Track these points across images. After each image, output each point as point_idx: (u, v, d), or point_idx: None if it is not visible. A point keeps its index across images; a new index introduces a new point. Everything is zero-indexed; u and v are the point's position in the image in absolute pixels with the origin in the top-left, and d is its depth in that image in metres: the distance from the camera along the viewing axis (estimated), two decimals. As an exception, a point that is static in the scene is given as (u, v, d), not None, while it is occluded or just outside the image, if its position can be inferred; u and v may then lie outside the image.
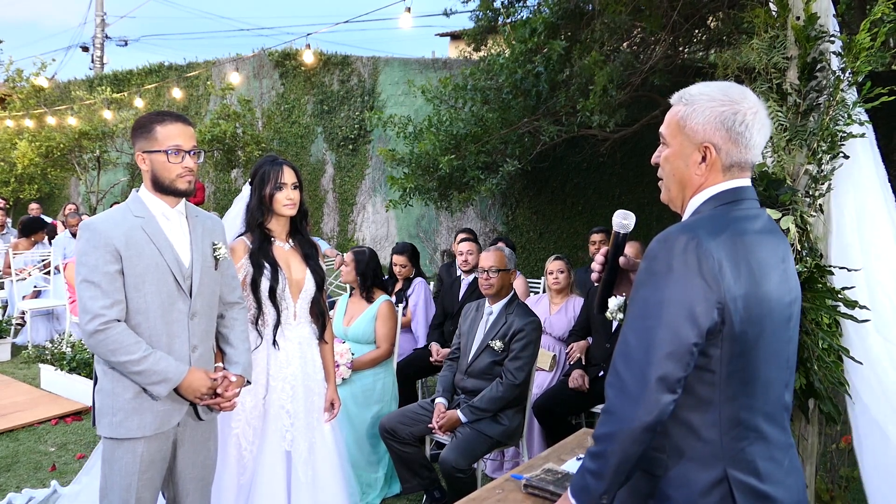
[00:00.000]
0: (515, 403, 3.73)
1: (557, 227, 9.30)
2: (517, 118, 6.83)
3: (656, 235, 1.51)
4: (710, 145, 1.55)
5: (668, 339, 1.44)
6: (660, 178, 1.69)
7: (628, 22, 6.01)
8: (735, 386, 1.49)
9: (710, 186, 1.58)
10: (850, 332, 2.54)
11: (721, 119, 1.54)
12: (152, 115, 2.47)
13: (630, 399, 1.45)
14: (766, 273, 1.51)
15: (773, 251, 1.55)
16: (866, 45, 2.35)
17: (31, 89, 13.19)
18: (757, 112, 1.55)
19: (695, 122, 1.56)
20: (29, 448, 4.68)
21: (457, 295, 5.25)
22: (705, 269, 1.43)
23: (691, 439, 1.52)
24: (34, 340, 7.65)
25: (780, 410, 1.58)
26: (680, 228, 1.49)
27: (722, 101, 1.55)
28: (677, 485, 1.52)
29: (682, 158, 1.60)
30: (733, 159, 1.56)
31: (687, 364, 1.45)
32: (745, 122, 1.53)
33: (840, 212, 2.62)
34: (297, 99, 12.21)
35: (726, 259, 1.45)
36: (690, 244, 1.44)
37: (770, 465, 1.52)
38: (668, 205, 1.70)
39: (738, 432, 1.50)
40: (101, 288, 2.28)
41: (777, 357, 1.55)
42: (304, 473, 2.93)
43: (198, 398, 2.41)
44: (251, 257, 2.90)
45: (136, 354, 2.28)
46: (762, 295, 1.49)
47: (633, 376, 1.46)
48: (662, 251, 1.48)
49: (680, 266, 1.44)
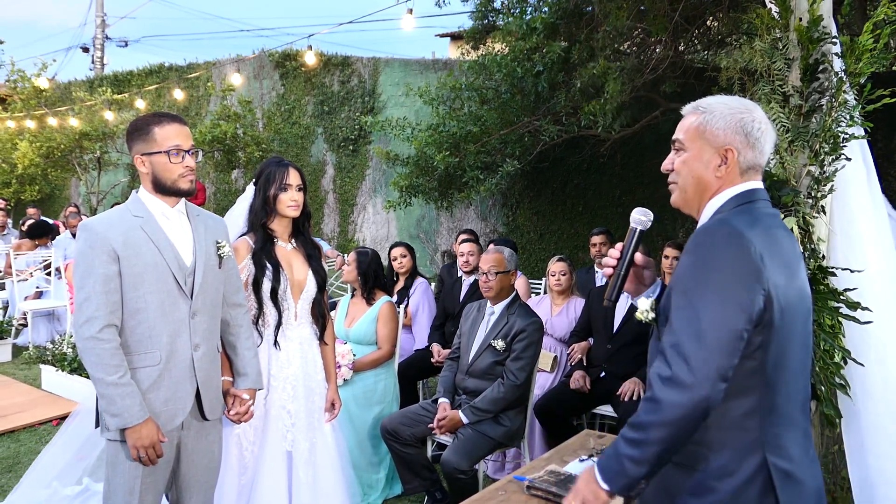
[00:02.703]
0: (517, 404, 3.73)
1: (558, 227, 9.30)
2: (517, 118, 6.82)
3: (694, 231, 1.59)
4: (731, 148, 1.65)
5: (719, 327, 1.48)
6: (671, 182, 1.75)
7: (631, 24, 6.01)
8: (773, 373, 1.54)
9: (728, 188, 1.66)
10: (848, 332, 2.55)
11: (741, 124, 1.65)
12: (147, 117, 2.47)
13: (683, 388, 1.48)
14: (795, 267, 1.60)
15: (792, 249, 1.64)
16: (869, 47, 2.36)
17: (32, 90, 13.17)
18: (767, 123, 1.68)
19: (715, 127, 1.66)
20: (30, 449, 4.68)
21: (458, 296, 5.25)
22: (750, 258, 1.49)
23: (733, 429, 1.56)
24: (35, 341, 7.65)
25: (806, 400, 1.66)
26: (717, 222, 1.58)
27: (740, 109, 1.66)
28: (720, 475, 1.55)
29: (701, 162, 1.69)
30: (749, 162, 1.66)
31: (738, 350, 1.49)
32: (762, 129, 1.66)
33: (842, 213, 2.62)
34: (297, 100, 12.21)
35: (765, 250, 1.51)
36: (733, 235, 1.51)
37: (800, 451, 1.59)
38: (679, 208, 1.76)
39: (774, 419, 1.56)
40: (97, 289, 2.27)
41: (804, 348, 1.63)
42: (304, 474, 2.94)
43: (136, 447, 2.30)
44: (254, 257, 2.91)
45: (110, 377, 2.26)
46: (794, 287, 1.57)
47: (685, 366, 1.48)
48: (706, 243, 1.54)
49: (725, 255, 1.50)
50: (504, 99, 6.80)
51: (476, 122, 6.91)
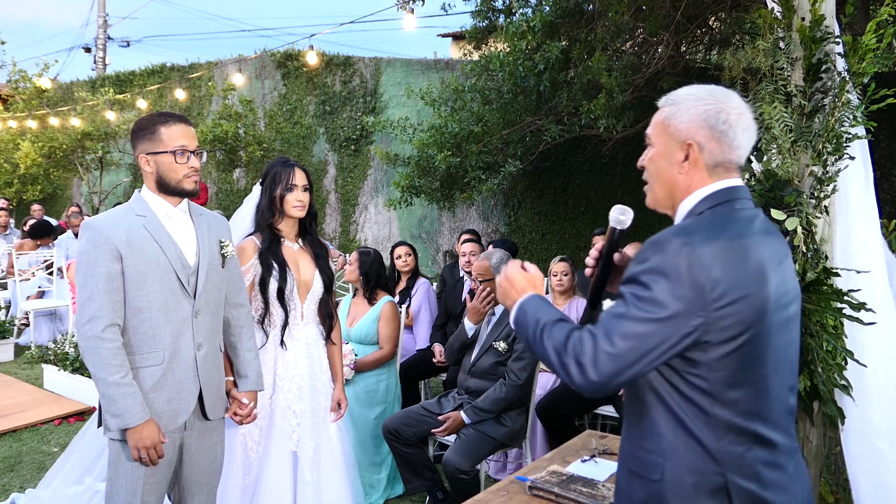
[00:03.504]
0: (519, 405, 3.73)
1: (560, 227, 9.29)
2: (518, 118, 6.82)
3: (651, 237, 1.49)
4: (693, 142, 1.55)
5: (641, 339, 1.42)
6: (646, 182, 1.68)
7: (630, 22, 6.01)
8: (730, 391, 1.46)
9: (700, 188, 1.57)
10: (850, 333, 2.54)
11: (704, 117, 1.54)
12: (154, 116, 2.46)
13: (582, 373, 1.45)
14: (764, 276, 1.48)
15: (772, 253, 1.53)
16: (872, 47, 2.35)
17: (34, 90, 13.18)
18: (742, 113, 1.55)
19: (678, 120, 1.57)
20: (32, 448, 4.69)
21: (459, 296, 5.24)
22: (695, 277, 1.41)
23: (689, 441, 1.49)
24: (37, 341, 7.65)
25: (783, 415, 1.54)
26: (675, 232, 1.48)
27: (706, 100, 1.55)
28: (674, 489, 1.49)
29: (666, 157, 1.60)
30: (716, 158, 1.55)
31: (653, 363, 1.44)
32: (728, 121, 1.53)
33: (844, 213, 2.62)
34: (299, 100, 12.22)
35: (720, 266, 1.42)
36: (683, 250, 1.42)
37: (773, 472, 1.49)
38: (655, 209, 1.67)
39: (734, 437, 1.47)
40: (100, 288, 2.27)
41: (777, 360, 1.51)
42: (310, 473, 2.94)
43: (136, 448, 2.30)
44: (261, 257, 2.91)
45: (112, 377, 2.25)
46: (760, 298, 1.46)
47: (591, 357, 1.44)
48: (655, 254, 1.46)
49: (670, 271, 1.42)
50: (506, 99, 6.80)
51: (478, 122, 6.91)
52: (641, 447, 1.55)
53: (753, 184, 2.54)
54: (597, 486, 2.49)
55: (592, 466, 2.72)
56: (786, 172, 2.51)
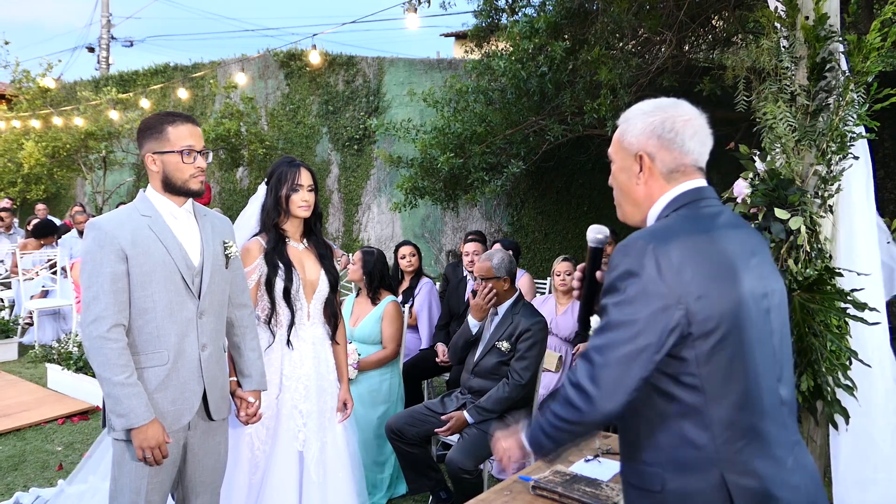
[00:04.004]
0: (522, 404, 3.73)
1: (563, 227, 9.29)
2: (522, 118, 6.81)
3: (619, 242, 1.55)
4: (643, 154, 1.62)
5: (629, 341, 1.47)
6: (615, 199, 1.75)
7: (633, 21, 6.00)
8: (719, 386, 1.49)
9: (662, 195, 1.63)
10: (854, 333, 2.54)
11: (651, 128, 1.61)
12: (161, 115, 2.46)
13: (591, 401, 1.50)
14: (735, 268, 1.51)
15: (741, 245, 1.56)
16: (876, 45, 2.34)
17: (38, 90, 13.20)
18: (689, 120, 1.61)
19: (630, 135, 1.65)
20: (36, 447, 4.70)
21: (462, 295, 5.24)
22: (664, 272, 1.45)
23: (684, 448, 1.51)
24: (41, 340, 7.67)
25: (775, 406, 1.55)
26: (639, 235, 1.53)
27: (652, 112, 1.63)
28: (677, 498, 1.51)
29: (625, 172, 1.67)
30: (669, 165, 1.61)
31: (642, 367, 1.48)
32: (675, 129, 1.60)
33: (846, 212, 2.61)
34: (302, 99, 12.22)
35: (688, 259, 1.47)
36: (648, 248, 1.47)
37: (770, 466, 1.50)
38: (628, 223, 1.74)
39: (730, 434, 1.49)
40: (105, 288, 2.27)
41: (760, 351, 1.53)
42: (315, 473, 2.94)
43: (141, 448, 2.30)
44: (266, 257, 2.91)
45: (117, 377, 2.25)
46: (732, 290, 1.50)
47: (590, 378, 1.50)
48: (624, 258, 1.51)
49: (639, 270, 1.47)
50: (509, 99, 6.79)
51: (481, 123, 6.90)
52: (641, 461, 1.58)
53: (757, 183, 2.54)
54: (600, 485, 2.49)
55: (596, 466, 2.72)
56: (789, 172, 2.51)
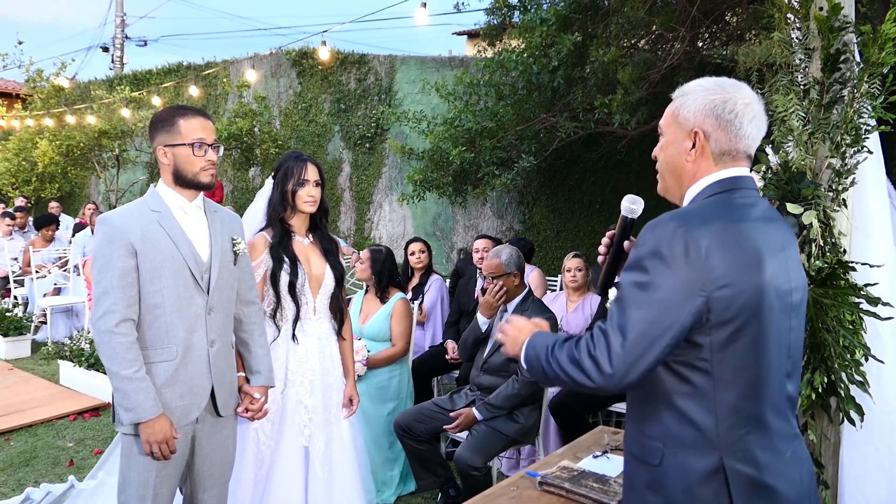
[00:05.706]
0: (531, 401, 3.71)
1: (574, 224, 9.26)
2: (533, 114, 6.79)
3: (650, 221, 1.53)
4: (699, 131, 1.60)
5: (649, 324, 1.46)
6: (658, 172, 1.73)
7: (645, 18, 5.96)
8: (730, 374, 1.49)
9: (705, 175, 1.61)
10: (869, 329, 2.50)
11: (711, 107, 1.59)
12: (173, 108, 2.47)
13: (601, 372, 1.49)
14: (762, 260, 1.51)
15: (772, 238, 1.56)
16: (892, 36, 2.30)
17: (52, 89, 13.30)
18: (749, 104, 1.59)
19: (687, 110, 1.62)
20: (47, 443, 4.72)
21: (472, 293, 5.22)
22: (692, 257, 1.44)
23: (687, 427, 1.52)
24: (54, 337, 7.73)
25: (781, 400, 1.57)
26: (671, 216, 1.52)
27: (714, 90, 1.60)
28: (674, 474, 1.53)
29: (675, 146, 1.65)
30: (723, 147, 1.59)
31: (661, 349, 1.47)
32: (735, 111, 1.57)
33: (860, 206, 2.57)
34: (314, 97, 12.24)
35: (716, 246, 1.46)
36: (679, 231, 1.46)
37: (770, 455, 1.52)
38: (665, 197, 1.73)
39: (735, 420, 1.50)
40: (115, 283, 2.27)
41: (777, 346, 1.54)
42: (321, 469, 2.93)
43: (148, 443, 2.30)
44: (271, 251, 2.90)
45: (125, 371, 2.26)
46: (757, 282, 1.49)
47: (607, 354, 1.49)
48: (651, 238, 1.50)
49: (667, 253, 1.46)
50: (520, 95, 6.78)
51: (492, 118, 6.89)
52: (643, 433, 1.60)
53: (770, 176, 2.50)
54: (608, 481, 2.47)
55: (604, 462, 2.69)
56: (803, 165, 2.47)
